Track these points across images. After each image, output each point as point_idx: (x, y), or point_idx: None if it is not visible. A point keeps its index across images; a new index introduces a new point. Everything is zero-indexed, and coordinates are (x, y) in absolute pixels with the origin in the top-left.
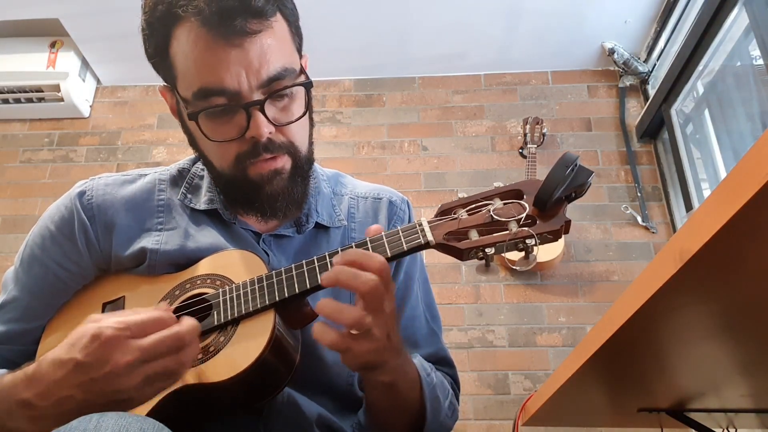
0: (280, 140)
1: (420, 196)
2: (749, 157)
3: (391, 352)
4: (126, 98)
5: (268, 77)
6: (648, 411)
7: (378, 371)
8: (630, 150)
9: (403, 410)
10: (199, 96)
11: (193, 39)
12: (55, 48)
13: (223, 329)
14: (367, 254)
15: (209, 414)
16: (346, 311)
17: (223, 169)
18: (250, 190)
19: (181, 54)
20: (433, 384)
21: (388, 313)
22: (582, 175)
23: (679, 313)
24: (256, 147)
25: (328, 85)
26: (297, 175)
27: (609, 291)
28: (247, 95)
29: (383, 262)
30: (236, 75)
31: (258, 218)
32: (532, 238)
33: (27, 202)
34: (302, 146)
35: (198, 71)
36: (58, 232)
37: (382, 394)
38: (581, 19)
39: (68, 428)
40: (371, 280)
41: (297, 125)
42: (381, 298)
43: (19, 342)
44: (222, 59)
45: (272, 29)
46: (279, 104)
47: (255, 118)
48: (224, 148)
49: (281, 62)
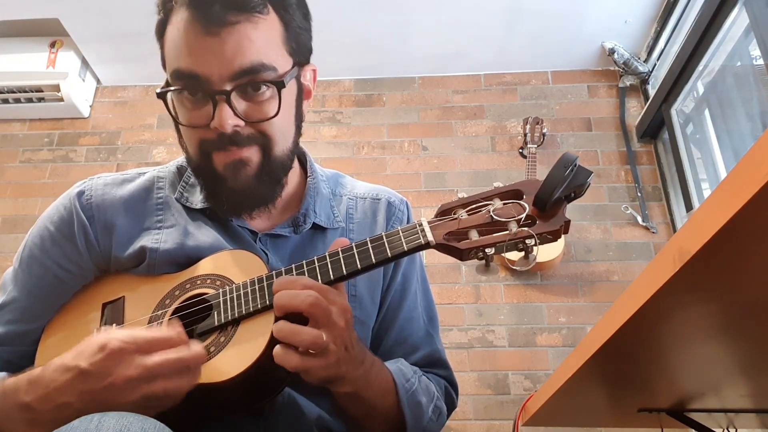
0: (248, 132)
1: (420, 196)
2: (749, 157)
3: (350, 364)
4: (126, 98)
5: (241, 69)
6: (648, 411)
7: (337, 383)
8: (630, 150)
9: (374, 417)
10: (174, 78)
11: (178, 23)
12: (55, 48)
13: (223, 329)
14: (291, 279)
15: (210, 414)
16: (302, 333)
17: (193, 155)
18: (214, 182)
19: (169, 36)
20: (412, 390)
21: (342, 326)
22: (581, 175)
23: (679, 313)
24: (221, 138)
25: (328, 85)
26: (264, 174)
27: (609, 291)
28: (217, 84)
29: (307, 282)
30: (208, 62)
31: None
32: (531, 238)
33: (27, 202)
34: (278, 145)
35: (176, 53)
36: (58, 232)
37: (348, 403)
38: (581, 19)
39: (69, 428)
40: (309, 296)
41: (276, 123)
42: (326, 311)
43: (19, 343)
44: (197, 44)
45: (256, 24)
46: (253, 100)
47: (220, 108)
48: (192, 133)
49: (259, 57)
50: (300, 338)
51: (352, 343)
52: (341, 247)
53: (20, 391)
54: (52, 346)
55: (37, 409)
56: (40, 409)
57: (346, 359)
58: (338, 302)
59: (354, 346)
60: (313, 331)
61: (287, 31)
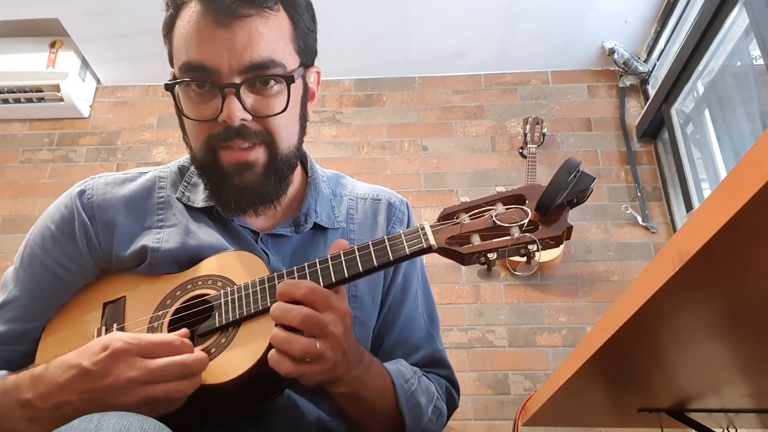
0: (256, 128)
1: (420, 196)
2: (749, 157)
3: (347, 366)
4: (126, 98)
5: (251, 63)
6: (648, 411)
7: (334, 384)
8: (630, 150)
9: (373, 418)
10: (183, 70)
11: (189, 15)
12: (55, 48)
13: (224, 331)
14: (293, 284)
15: (210, 415)
16: (295, 342)
17: (197, 151)
18: (219, 179)
19: (179, 30)
20: (411, 391)
21: (338, 334)
22: (584, 181)
23: (680, 314)
24: (227, 131)
25: (328, 85)
26: (271, 172)
27: (609, 291)
28: (227, 77)
29: (309, 287)
30: (219, 54)
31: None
32: (534, 244)
33: (27, 202)
34: (283, 143)
35: (186, 45)
36: (59, 231)
37: (345, 403)
38: (581, 19)
39: (69, 428)
40: (299, 314)
41: (281, 119)
42: (319, 325)
43: (20, 342)
44: (208, 36)
45: (267, 19)
46: (261, 95)
47: (229, 101)
48: (198, 127)
49: (268, 52)
50: (292, 347)
51: (350, 346)
52: (341, 249)
53: (22, 387)
54: (52, 346)
55: (37, 407)
56: (40, 406)
57: (343, 362)
58: (337, 307)
59: (352, 349)
60: (306, 341)
61: (296, 30)
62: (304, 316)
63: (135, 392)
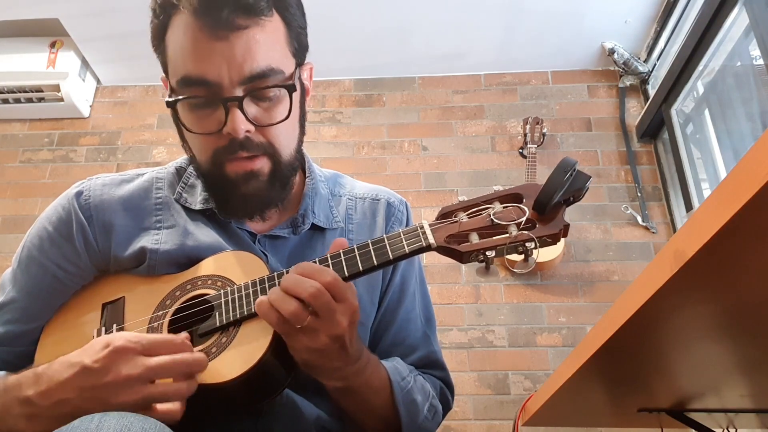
0: (259, 140)
1: (420, 196)
2: (749, 157)
3: (344, 360)
4: (126, 98)
5: (251, 74)
6: (648, 411)
7: (327, 376)
8: (630, 150)
9: (369, 414)
10: (181, 84)
11: (183, 28)
12: (55, 48)
13: (224, 330)
14: (320, 269)
15: (210, 415)
16: (288, 303)
17: (202, 162)
18: (225, 188)
19: (173, 42)
20: (408, 388)
21: (342, 323)
22: (580, 179)
23: (679, 314)
24: (232, 143)
25: (328, 85)
26: (276, 179)
27: (609, 291)
28: (228, 89)
29: (335, 277)
30: (218, 67)
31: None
32: (531, 242)
33: (27, 202)
34: (285, 150)
35: (183, 60)
36: (56, 232)
37: (342, 398)
38: (581, 19)
39: (69, 428)
40: (311, 287)
41: (281, 128)
42: (327, 306)
43: (18, 343)
44: (206, 50)
45: (263, 27)
46: (263, 104)
47: (232, 114)
48: (203, 141)
49: (267, 61)
50: (282, 306)
51: (351, 341)
52: (340, 248)
53: (23, 385)
54: (51, 347)
55: (37, 404)
56: (40, 404)
57: (340, 355)
58: (350, 301)
59: (353, 345)
60: (296, 306)
61: (290, 31)
62: (315, 290)
63: (134, 390)
